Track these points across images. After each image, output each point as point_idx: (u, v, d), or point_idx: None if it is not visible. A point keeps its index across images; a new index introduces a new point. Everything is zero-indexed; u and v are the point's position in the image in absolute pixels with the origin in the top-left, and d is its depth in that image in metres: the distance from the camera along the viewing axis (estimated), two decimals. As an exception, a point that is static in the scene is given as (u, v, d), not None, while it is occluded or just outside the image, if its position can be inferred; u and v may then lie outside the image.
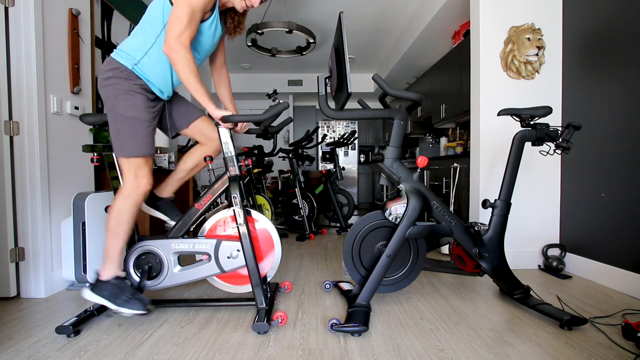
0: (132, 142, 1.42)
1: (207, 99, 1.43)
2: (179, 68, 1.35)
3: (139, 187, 1.45)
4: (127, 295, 1.45)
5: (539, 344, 1.31)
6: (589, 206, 2.12)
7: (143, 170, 1.46)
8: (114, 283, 1.45)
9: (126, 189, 1.45)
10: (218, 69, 1.77)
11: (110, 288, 1.44)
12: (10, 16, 1.76)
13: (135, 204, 1.46)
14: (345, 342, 1.33)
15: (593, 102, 2.09)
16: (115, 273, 1.47)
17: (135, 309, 1.44)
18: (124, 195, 1.45)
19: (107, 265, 1.47)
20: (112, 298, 1.43)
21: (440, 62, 3.91)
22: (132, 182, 1.45)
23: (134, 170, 1.44)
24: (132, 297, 1.45)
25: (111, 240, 1.45)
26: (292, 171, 3.62)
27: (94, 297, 1.43)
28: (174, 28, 1.32)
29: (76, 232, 1.91)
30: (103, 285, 1.45)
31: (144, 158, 1.46)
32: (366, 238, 1.70)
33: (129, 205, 1.45)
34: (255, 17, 3.76)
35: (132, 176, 1.45)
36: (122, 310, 1.43)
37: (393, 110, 1.60)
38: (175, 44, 1.32)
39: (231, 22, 1.58)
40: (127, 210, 1.45)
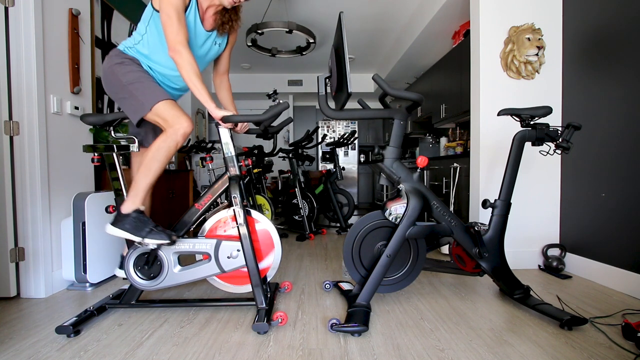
0: (146, 95, 1.45)
1: (208, 98, 1.44)
2: (182, 69, 1.40)
3: (181, 127, 1.44)
4: (149, 227, 1.45)
5: (539, 344, 1.31)
6: (589, 206, 2.12)
7: (176, 111, 1.46)
8: (135, 216, 1.46)
9: (168, 129, 1.44)
10: (220, 75, 1.80)
11: (132, 221, 1.45)
12: (10, 16, 1.76)
13: (175, 143, 1.45)
14: (345, 342, 1.33)
15: (593, 102, 2.09)
16: (137, 207, 1.47)
17: (160, 238, 1.44)
18: (166, 135, 1.44)
19: (132, 199, 1.47)
20: (135, 230, 1.44)
21: (440, 62, 3.91)
22: (173, 124, 1.44)
23: (167, 115, 1.44)
24: (155, 228, 1.46)
25: (143, 174, 1.45)
26: (292, 171, 3.62)
27: (116, 231, 1.44)
28: (170, 30, 1.37)
29: (76, 232, 1.91)
30: (125, 219, 1.45)
31: (167, 101, 1.46)
32: (366, 238, 1.70)
33: (168, 144, 1.44)
34: (255, 17, 3.76)
35: (170, 120, 1.44)
36: (147, 241, 1.44)
37: (393, 110, 1.60)
38: (177, 46, 1.37)
39: (220, 17, 1.58)
40: (165, 149, 1.44)
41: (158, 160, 1.45)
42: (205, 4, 1.51)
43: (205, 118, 5.52)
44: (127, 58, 1.51)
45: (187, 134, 1.47)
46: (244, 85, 6.17)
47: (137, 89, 1.46)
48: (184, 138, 1.46)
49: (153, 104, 1.44)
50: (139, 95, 1.45)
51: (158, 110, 1.44)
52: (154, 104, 1.44)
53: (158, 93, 1.47)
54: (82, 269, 1.91)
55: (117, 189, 1.58)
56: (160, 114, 1.45)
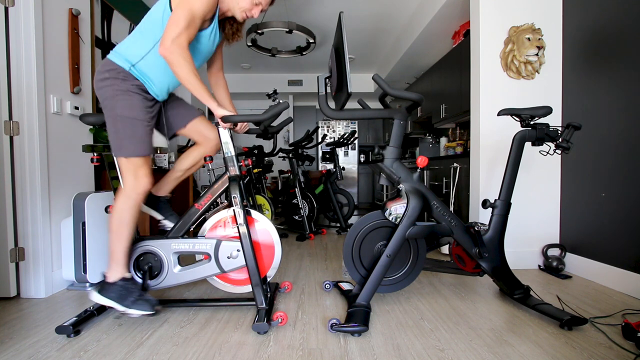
0: (130, 142, 1.41)
1: (208, 97, 1.43)
2: (176, 67, 1.33)
3: (139, 187, 1.45)
4: (134, 297, 1.44)
5: (539, 344, 1.31)
6: (589, 206, 2.12)
7: (143, 169, 1.46)
8: (121, 285, 1.45)
9: (127, 189, 1.45)
10: (215, 73, 1.77)
11: (118, 290, 1.44)
12: (10, 16, 1.76)
13: (136, 203, 1.46)
14: (345, 342, 1.33)
15: (593, 102, 2.09)
16: (122, 274, 1.47)
17: (143, 309, 1.43)
18: (125, 195, 1.44)
19: (113, 267, 1.46)
20: (119, 300, 1.42)
21: (440, 62, 3.91)
22: (132, 182, 1.44)
23: (133, 170, 1.44)
24: (140, 297, 1.45)
25: (115, 241, 1.45)
26: (292, 171, 3.62)
27: (101, 299, 1.43)
28: (171, 30, 1.31)
29: (76, 232, 1.90)
30: (110, 287, 1.44)
31: (143, 158, 1.45)
32: (366, 238, 1.70)
33: (130, 205, 1.45)
34: (255, 17, 3.76)
35: (132, 176, 1.44)
36: (130, 312, 1.43)
37: (393, 110, 1.60)
38: (171, 45, 1.30)
39: (229, 28, 1.59)
40: (128, 210, 1.44)
41: (126, 225, 1.45)
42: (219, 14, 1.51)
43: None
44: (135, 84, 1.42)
45: (146, 192, 1.48)
46: (244, 85, 6.17)
47: (126, 130, 1.41)
48: (143, 196, 1.47)
49: (130, 155, 1.42)
50: (123, 137, 1.41)
51: (132, 162, 1.43)
52: (132, 156, 1.42)
53: (141, 146, 1.43)
54: (82, 269, 1.91)
55: (117, 188, 1.57)
56: (132, 167, 1.43)
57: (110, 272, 1.46)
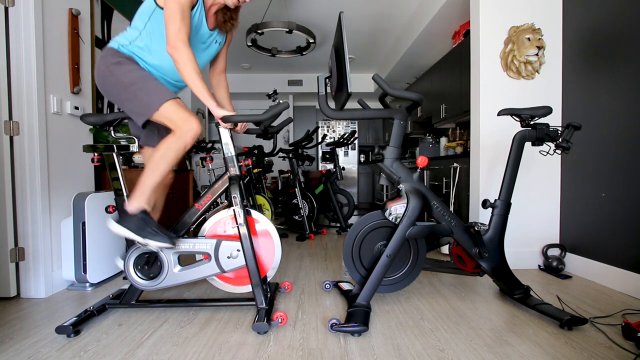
0: (151, 95, 1.42)
1: (208, 96, 1.43)
2: (181, 66, 1.37)
3: (191, 129, 1.42)
4: (153, 228, 1.44)
5: (539, 344, 1.31)
6: (589, 206, 2.12)
7: (184, 111, 1.43)
8: (141, 217, 1.45)
9: (178, 131, 1.42)
10: (217, 75, 1.78)
11: (137, 221, 1.44)
12: (10, 16, 1.76)
13: (184, 145, 1.43)
14: (345, 342, 1.33)
15: (593, 102, 2.09)
16: (143, 206, 1.46)
17: (162, 241, 1.44)
18: (176, 136, 1.42)
19: (137, 198, 1.45)
20: (138, 230, 1.42)
21: (440, 62, 3.91)
22: (182, 125, 1.41)
23: (174, 115, 1.42)
24: (159, 230, 1.45)
25: (150, 173, 1.44)
26: (292, 171, 3.62)
27: (120, 229, 1.42)
28: (171, 26, 1.35)
29: (76, 232, 1.91)
30: (129, 218, 1.44)
31: (174, 101, 1.44)
32: (366, 238, 1.70)
33: (178, 145, 1.42)
34: (255, 17, 3.76)
35: (178, 121, 1.41)
36: (149, 242, 1.43)
37: (393, 110, 1.60)
38: (176, 43, 1.35)
39: (222, 16, 1.58)
40: (175, 151, 1.43)
41: (166, 161, 1.43)
42: (208, 3, 1.51)
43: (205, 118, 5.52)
44: (124, 57, 1.47)
45: (197, 136, 1.45)
46: (244, 85, 6.17)
47: (141, 89, 1.43)
48: (193, 140, 1.44)
49: (160, 104, 1.41)
50: (143, 96, 1.42)
51: (165, 111, 1.42)
52: (161, 104, 1.41)
53: (164, 92, 1.44)
54: (82, 269, 1.91)
55: (117, 189, 1.58)
56: (168, 115, 1.42)
57: (133, 202, 1.45)
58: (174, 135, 1.43)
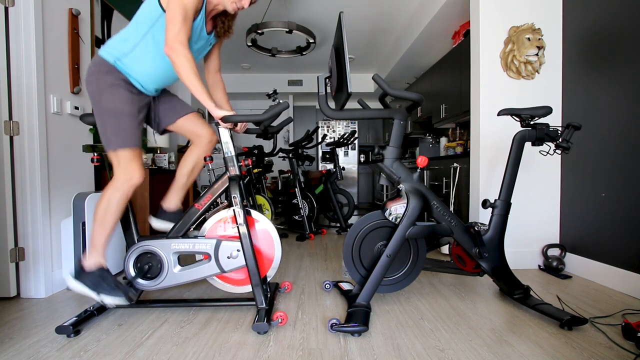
0: (117, 135, 1.43)
1: (207, 98, 1.43)
2: (179, 67, 1.36)
3: (130, 180, 1.45)
4: (109, 285, 1.45)
5: (539, 344, 1.31)
6: (589, 206, 2.12)
7: (133, 162, 1.46)
8: (97, 273, 1.46)
9: (117, 180, 1.45)
10: (213, 74, 1.78)
11: (93, 277, 1.45)
12: (10, 16, 1.76)
13: (126, 196, 1.46)
14: (345, 342, 1.33)
15: (593, 102, 2.09)
16: (99, 263, 1.47)
17: (118, 297, 1.44)
18: (115, 186, 1.45)
19: (92, 254, 1.47)
20: (94, 287, 1.43)
21: (440, 62, 3.91)
22: (122, 174, 1.45)
23: (122, 162, 1.45)
24: (115, 287, 1.46)
25: (98, 230, 1.45)
26: (292, 171, 3.62)
27: (76, 286, 1.43)
28: (171, 27, 1.34)
29: (76, 232, 1.90)
30: (86, 274, 1.45)
31: (131, 150, 1.45)
32: (366, 238, 1.70)
33: (118, 196, 1.45)
34: (255, 17, 3.76)
35: (122, 169, 1.45)
36: (105, 299, 1.44)
37: (393, 110, 1.60)
38: (174, 44, 1.34)
39: (221, 25, 1.59)
40: (116, 202, 1.45)
41: (112, 215, 1.45)
42: (209, 8, 1.51)
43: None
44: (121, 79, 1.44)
45: (136, 186, 1.47)
46: (244, 85, 6.17)
47: (112, 123, 1.42)
48: (131, 189, 1.47)
49: (117, 148, 1.43)
50: (111, 130, 1.43)
51: (119, 154, 1.44)
52: (118, 148, 1.43)
53: (129, 138, 1.44)
54: (82, 269, 1.91)
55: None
56: (120, 159, 1.44)
57: (89, 259, 1.47)
58: (113, 185, 1.45)
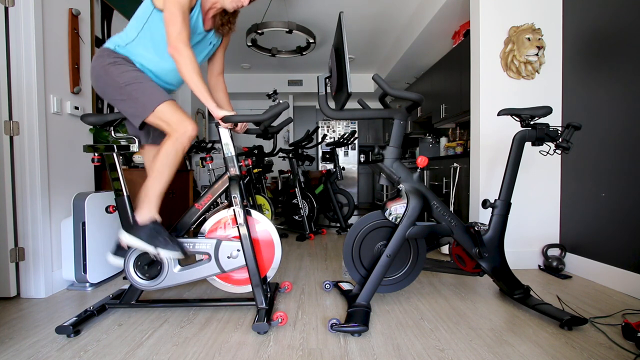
0: (148, 96, 1.42)
1: (208, 98, 1.43)
2: (182, 66, 1.37)
3: (186, 131, 1.42)
4: (164, 237, 1.44)
5: (539, 344, 1.31)
6: (589, 206, 2.12)
7: (180, 113, 1.44)
8: (152, 226, 1.45)
9: (173, 134, 1.42)
10: (215, 76, 1.78)
11: (148, 230, 1.44)
12: (10, 16, 1.76)
13: (182, 147, 1.44)
14: (345, 342, 1.33)
15: (593, 102, 2.09)
16: (153, 216, 1.46)
17: (174, 250, 1.44)
18: (172, 139, 1.42)
19: (146, 208, 1.45)
20: (150, 240, 1.42)
21: (440, 62, 3.91)
22: (178, 126, 1.42)
23: (170, 117, 1.42)
24: (170, 240, 1.45)
25: (154, 182, 1.44)
26: (292, 171, 3.62)
27: (131, 239, 1.42)
28: (172, 28, 1.35)
29: (76, 232, 1.91)
30: (140, 228, 1.44)
31: (170, 103, 1.44)
32: (366, 238, 1.70)
33: (176, 148, 1.43)
34: (255, 17, 3.76)
35: (174, 124, 1.42)
36: (161, 252, 1.43)
37: (393, 110, 1.60)
38: (177, 44, 1.35)
39: (220, 19, 1.59)
40: (174, 154, 1.43)
41: (169, 166, 1.44)
42: (207, 5, 1.51)
43: (205, 118, 5.52)
44: (120, 57, 1.47)
45: (193, 137, 1.45)
46: (244, 85, 6.17)
47: (136, 89, 1.43)
48: (190, 141, 1.45)
49: (155, 106, 1.41)
50: (139, 97, 1.42)
51: (161, 112, 1.42)
52: (156, 106, 1.41)
53: (159, 94, 1.44)
54: (82, 269, 1.91)
55: (117, 189, 1.58)
56: (164, 117, 1.43)
57: (142, 212, 1.45)
58: (170, 138, 1.43)
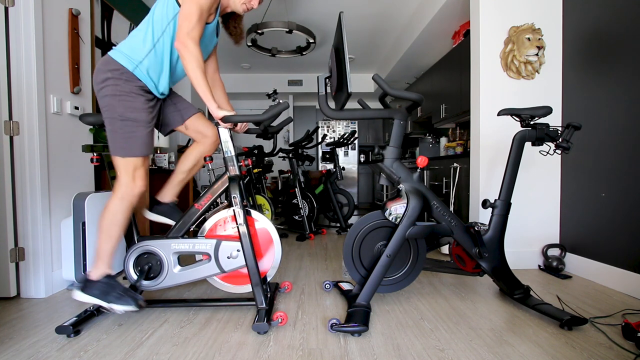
0: (129, 143, 1.41)
1: (210, 97, 1.43)
2: (188, 62, 1.37)
3: (134, 189, 1.45)
4: (118, 292, 1.44)
5: (539, 344, 1.31)
6: (589, 206, 2.12)
7: (139, 171, 1.46)
8: (104, 282, 1.45)
9: (121, 190, 1.44)
10: (211, 75, 1.77)
11: (101, 287, 1.44)
12: (10, 16, 1.76)
13: (130, 205, 1.46)
14: (345, 342, 1.33)
15: (593, 102, 2.09)
16: (105, 272, 1.47)
17: (128, 304, 1.43)
18: (119, 196, 1.44)
19: (99, 265, 1.46)
20: (103, 296, 1.42)
21: (440, 62, 3.91)
22: (128, 183, 1.44)
23: (130, 170, 1.44)
24: (124, 294, 1.45)
25: (104, 241, 1.45)
26: (292, 171, 3.62)
27: (84, 297, 1.42)
28: (185, 24, 1.35)
29: (76, 232, 1.90)
30: (93, 285, 1.44)
31: (141, 159, 1.45)
32: (366, 238, 1.70)
33: (123, 207, 1.44)
34: (255, 17, 3.76)
35: (129, 177, 1.44)
36: (115, 307, 1.43)
37: (393, 110, 1.60)
38: (186, 39, 1.35)
39: (232, 25, 1.61)
40: (121, 212, 1.44)
41: (117, 225, 1.45)
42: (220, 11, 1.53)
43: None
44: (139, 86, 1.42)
45: (141, 195, 1.47)
46: (244, 85, 6.17)
47: (125, 130, 1.40)
48: (137, 198, 1.47)
49: (126, 156, 1.42)
50: (121, 138, 1.41)
51: (127, 162, 1.42)
52: (128, 156, 1.42)
53: (140, 146, 1.43)
54: (82, 269, 1.91)
55: (117, 189, 1.57)
56: (127, 167, 1.43)
57: (95, 269, 1.46)
58: (116, 194, 1.44)
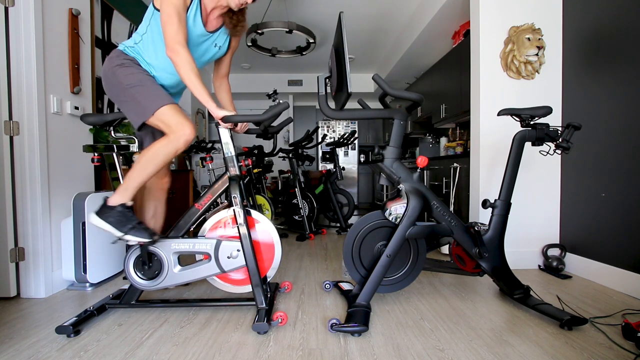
0: (150, 98, 1.43)
1: (208, 98, 1.43)
2: (180, 68, 1.37)
3: (184, 134, 1.41)
4: (132, 223, 1.44)
5: (539, 344, 1.31)
6: (589, 206, 2.12)
7: (180, 116, 1.43)
8: (120, 210, 1.44)
9: (171, 135, 1.42)
10: (220, 78, 1.79)
11: (117, 215, 1.43)
12: (10, 16, 1.76)
13: (175, 150, 1.42)
14: (345, 342, 1.33)
15: (593, 102, 2.09)
16: (125, 201, 1.45)
17: (141, 236, 1.43)
18: (168, 139, 1.41)
19: (121, 193, 1.45)
20: (117, 224, 1.42)
21: (440, 62, 3.91)
22: (176, 129, 1.41)
23: (170, 120, 1.42)
24: (138, 225, 1.45)
25: (136, 173, 1.43)
26: (292, 171, 3.62)
27: (100, 222, 1.42)
28: (169, 29, 1.36)
29: (76, 232, 1.91)
30: (109, 211, 1.43)
31: (171, 106, 1.44)
32: (366, 238, 1.70)
33: (168, 149, 1.41)
34: (255, 17, 3.76)
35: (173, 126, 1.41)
36: (127, 237, 1.42)
37: (393, 110, 1.60)
38: (174, 46, 1.36)
39: (229, 21, 1.59)
40: (163, 154, 1.42)
41: (154, 164, 1.43)
42: (210, 6, 1.50)
43: (205, 118, 5.52)
44: (128, 59, 1.48)
45: (189, 142, 1.45)
46: (244, 85, 6.17)
47: (139, 92, 1.43)
48: (185, 145, 1.44)
49: (156, 109, 1.41)
50: (141, 99, 1.43)
51: (161, 115, 1.42)
52: (157, 108, 1.41)
53: (161, 97, 1.44)
54: (82, 269, 1.91)
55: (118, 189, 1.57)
56: (163, 119, 1.42)
57: (116, 196, 1.45)
58: (167, 138, 1.42)
